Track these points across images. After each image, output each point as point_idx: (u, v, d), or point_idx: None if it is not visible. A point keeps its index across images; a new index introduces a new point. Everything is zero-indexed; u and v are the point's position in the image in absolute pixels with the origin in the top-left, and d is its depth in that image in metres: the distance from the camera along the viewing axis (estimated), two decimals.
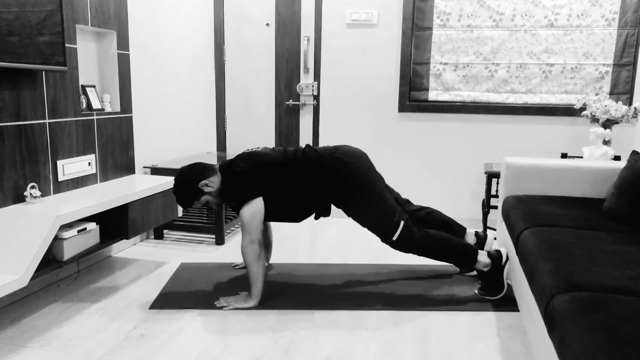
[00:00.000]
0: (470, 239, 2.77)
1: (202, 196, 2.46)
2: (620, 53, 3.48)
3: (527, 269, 1.90)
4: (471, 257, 2.48)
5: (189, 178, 2.45)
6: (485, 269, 2.49)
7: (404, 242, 2.47)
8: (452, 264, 3.01)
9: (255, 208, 2.37)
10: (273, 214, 2.53)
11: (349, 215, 2.53)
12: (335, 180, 2.47)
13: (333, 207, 2.65)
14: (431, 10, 3.71)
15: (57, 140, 2.54)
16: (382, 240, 2.50)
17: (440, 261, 2.55)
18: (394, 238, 2.46)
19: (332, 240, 3.49)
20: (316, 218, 2.63)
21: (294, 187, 2.47)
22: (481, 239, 2.77)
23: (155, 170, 3.31)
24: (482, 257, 2.49)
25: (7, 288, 1.91)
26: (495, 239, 3.08)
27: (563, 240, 1.92)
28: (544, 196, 2.69)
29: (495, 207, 3.51)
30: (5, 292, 1.90)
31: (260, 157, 2.47)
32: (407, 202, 2.80)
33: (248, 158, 2.47)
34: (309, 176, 2.46)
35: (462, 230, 2.77)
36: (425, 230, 2.52)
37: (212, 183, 2.46)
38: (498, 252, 2.50)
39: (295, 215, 2.58)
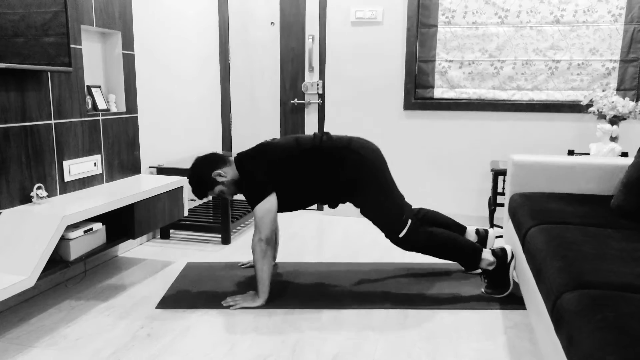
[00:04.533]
0: (471, 236, 2.75)
1: (216, 186, 2.48)
2: (627, 49, 3.45)
3: (534, 267, 1.89)
4: (476, 256, 2.47)
5: (202, 169, 2.47)
6: (491, 268, 2.48)
7: (409, 240, 2.47)
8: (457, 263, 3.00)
9: (267, 206, 2.38)
10: (284, 204, 2.54)
11: (357, 206, 2.52)
12: (348, 174, 2.44)
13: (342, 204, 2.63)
14: (436, 8, 3.70)
15: (63, 141, 2.55)
16: (387, 236, 2.50)
17: (445, 260, 2.55)
18: (401, 235, 2.46)
19: (339, 239, 3.48)
20: (321, 205, 2.64)
21: (306, 179, 2.46)
22: (482, 236, 2.76)
23: (161, 170, 3.32)
24: (487, 255, 2.48)
25: (15, 288, 1.92)
26: (499, 236, 3.07)
27: (571, 238, 1.91)
28: (551, 193, 2.68)
29: (502, 205, 3.50)
30: (13, 292, 1.91)
31: (273, 151, 2.46)
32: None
33: (261, 153, 2.46)
34: (322, 169, 2.45)
35: (462, 229, 2.76)
36: (430, 229, 2.51)
37: (226, 173, 2.47)
38: (503, 249, 2.49)
39: (304, 204, 2.57)
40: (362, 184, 2.45)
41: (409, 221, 2.46)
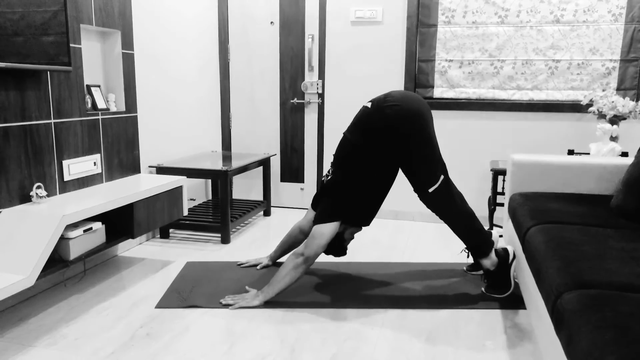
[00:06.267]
0: None
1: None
2: (627, 48, 3.45)
3: (534, 267, 1.89)
4: (488, 246, 2.45)
5: None
6: (492, 268, 2.47)
7: (437, 198, 2.38)
8: (461, 254, 2.99)
9: (325, 230, 2.38)
10: (368, 210, 2.54)
11: (401, 159, 2.41)
12: (393, 129, 2.33)
13: None
14: (436, 7, 3.70)
15: (62, 140, 2.55)
16: (416, 191, 2.41)
17: (458, 235, 2.46)
18: (430, 190, 2.37)
19: None
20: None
21: (366, 179, 2.42)
22: None
23: (161, 170, 3.32)
24: (492, 254, 2.48)
25: (14, 288, 1.91)
26: (500, 236, 3.07)
27: (570, 238, 1.91)
28: (551, 193, 2.68)
29: (502, 205, 3.50)
30: (12, 291, 1.91)
31: (332, 185, 2.47)
32: None
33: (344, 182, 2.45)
34: (375, 142, 2.36)
35: None
36: (461, 196, 2.47)
37: None
38: (505, 250, 2.49)
39: (382, 196, 2.54)
40: (401, 137, 2.33)
41: (441, 177, 2.38)
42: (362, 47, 3.88)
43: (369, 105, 2.42)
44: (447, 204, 2.41)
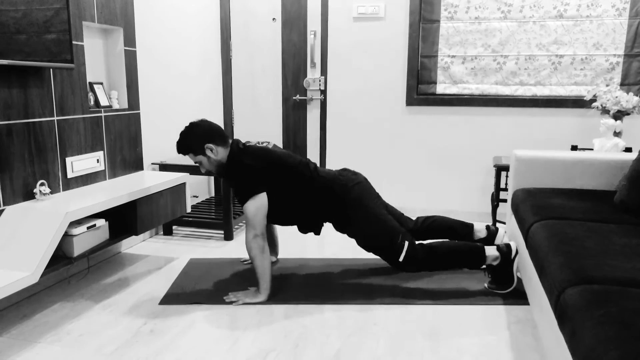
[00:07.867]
0: (482, 233, 2.74)
1: (200, 156, 2.45)
2: (631, 43, 3.43)
3: (537, 262, 1.89)
4: (479, 257, 2.49)
5: (199, 133, 2.43)
6: (495, 263, 2.47)
7: (410, 262, 2.49)
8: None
9: (259, 203, 2.38)
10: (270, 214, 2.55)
11: (352, 237, 2.58)
12: (337, 205, 2.51)
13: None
14: (438, 3, 3.68)
15: (65, 138, 2.55)
16: (390, 264, 2.54)
17: (451, 269, 2.62)
18: (400, 259, 2.48)
19: (340, 235, 3.48)
20: (303, 232, 2.64)
21: (297, 198, 2.51)
22: (492, 233, 2.76)
23: (164, 167, 3.32)
24: (490, 251, 2.48)
25: (19, 284, 1.92)
26: (505, 232, 3.06)
27: (573, 233, 1.91)
28: (554, 189, 2.67)
29: (505, 201, 3.49)
30: (17, 288, 1.92)
31: (276, 158, 2.47)
32: (409, 218, 2.79)
33: (261, 154, 2.46)
34: (315, 195, 2.51)
35: (468, 228, 2.74)
36: (428, 245, 2.52)
37: (217, 153, 2.45)
38: (507, 245, 2.49)
39: (287, 221, 2.61)
40: (349, 215, 2.51)
41: (406, 243, 2.48)
42: (365, 43, 3.88)
43: (322, 172, 2.57)
44: (424, 263, 2.51)
